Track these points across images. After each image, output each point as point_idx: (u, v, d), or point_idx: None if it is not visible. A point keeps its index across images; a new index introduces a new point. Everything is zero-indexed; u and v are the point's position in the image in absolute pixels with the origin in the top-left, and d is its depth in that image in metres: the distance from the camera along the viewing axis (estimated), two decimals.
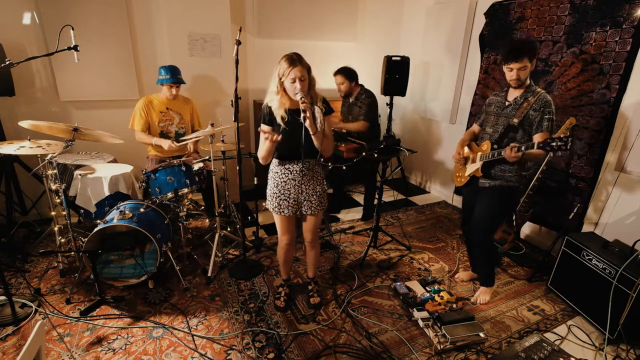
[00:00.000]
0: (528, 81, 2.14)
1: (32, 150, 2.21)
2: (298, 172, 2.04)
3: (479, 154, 2.30)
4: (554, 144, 1.86)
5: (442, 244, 3.23)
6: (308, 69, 1.87)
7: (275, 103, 1.90)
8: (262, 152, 2.00)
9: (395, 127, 4.80)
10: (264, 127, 1.97)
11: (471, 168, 2.36)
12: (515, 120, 2.12)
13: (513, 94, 2.21)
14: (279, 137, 1.87)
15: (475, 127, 2.49)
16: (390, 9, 4.48)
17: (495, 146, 2.21)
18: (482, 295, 2.49)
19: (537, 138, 2.07)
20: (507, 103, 2.22)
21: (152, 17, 3.32)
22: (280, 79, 1.86)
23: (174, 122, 3.08)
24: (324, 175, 2.16)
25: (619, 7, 2.47)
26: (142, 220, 2.36)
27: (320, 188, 2.12)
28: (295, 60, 1.83)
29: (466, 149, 2.43)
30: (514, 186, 2.24)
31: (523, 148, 1.99)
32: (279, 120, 1.91)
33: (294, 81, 1.82)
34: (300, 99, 1.79)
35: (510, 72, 2.10)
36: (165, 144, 2.93)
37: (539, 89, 2.12)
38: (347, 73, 3.30)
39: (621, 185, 2.58)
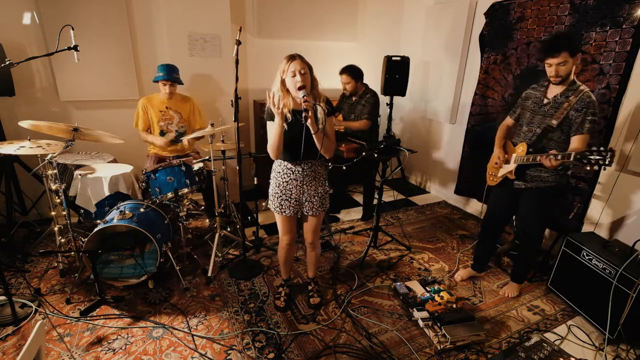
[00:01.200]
0: (572, 77, 2.01)
1: (32, 150, 2.21)
2: (300, 172, 2.04)
3: (514, 155, 2.21)
4: (591, 157, 1.74)
5: (442, 244, 3.23)
6: (309, 66, 1.87)
7: (302, 95, 1.88)
8: (271, 140, 1.94)
9: (395, 127, 4.80)
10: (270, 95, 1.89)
11: (505, 169, 2.29)
12: (554, 122, 2.01)
13: (553, 91, 2.08)
14: (283, 103, 1.84)
15: (509, 121, 2.38)
16: (390, 9, 4.48)
17: (531, 150, 2.11)
18: (510, 289, 2.54)
19: (575, 141, 1.97)
20: (545, 100, 2.11)
21: (152, 17, 3.32)
22: (282, 77, 1.86)
23: (173, 122, 3.08)
24: (326, 176, 2.16)
25: (619, 7, 2.47)
26: (142, 220, 2.36)
27: (322, 189, 2.12)
28: (294, 56, 1.84)
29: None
30: (553, 186, 2.16)
31: (560, 157, 1.89)
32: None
33: (294, 75, 1.82)
34: (303, 97, 1.79)
35: (550, 67, 1.98)
36: (159, 140, 2.99)
37: (582, 87, 1.99)
38: (353, 72, 3.27)
39: (621, 185, 2.58)
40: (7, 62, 2.14)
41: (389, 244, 3.19)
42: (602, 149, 1.74)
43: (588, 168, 1.79)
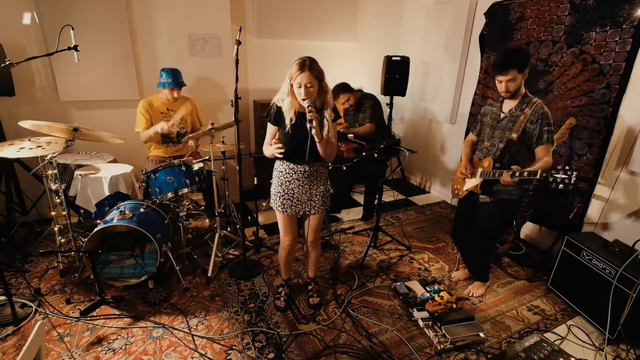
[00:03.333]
0: (523, 90, 2.09)
1: (32, 152, 2.20)
2: (302, 172, 2.05)
3: (480, 170, 2.24)
4: (557, 175, 1.80)
5: (442, 244, 3.23)
6: (318, 76, 1.86)
7: (286, 104, 1.91)
8: (268, 153, 2.07)
9: (396, 127, 4.80)
10: (274, 145, 2.01)
11: (470, 183, 2.31)
12: (514, 135, 2.07)
13: (508, 105, 2.15)
14: (282, 153, 1.97)
15: (472, 137, 2.43)
16: (390, 9, 4.48)
17: (498, 164, 2.15)
18: (475, 288, 2.55)
19: (539, 152, 2.03)
20: (502, 115, 2.17)
21: (152, 17, 3.31)
22: (290, 82, 1.87)
23: (175, 124, 3.08)
24: (328, 175, 2.17)
25: (619, 7, 2.47)
26: (142, 220, 2.36)
27: (324, 188, 2.13)
28: (304, 65, 1.82)
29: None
30: (516, 199, 2.21)
31: (518, 174, 1.96)
32: (287, 121, 1.92)
33: (299, 86, 1.83)
34: (308, 107, 1.80)
35: (500, 84, 2.06)
36: (158, 126, 2.90)
37: (534, 99, 2.07)
38: (345, 88, 3.32)
39: (621, 185, 2.58)
40: (7, 62, 2.14)
41: (389, 244, 3.19)
42: (567, 167, 1.79)
43: (553, 186, 1.83)
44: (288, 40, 3.95)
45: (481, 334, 2.09)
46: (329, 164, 2.21)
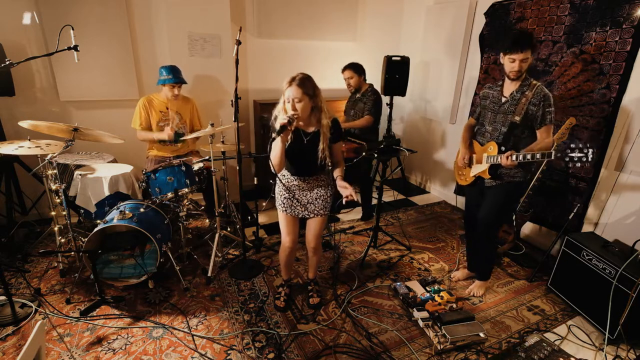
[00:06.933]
0: (524, 74, 2.11)
1: (31, 151, 2.20)
2: (303, 180, 2.08)
3: (485, 155, 2.25)
4: (573, 155, 1.81)
5: (442, 244, 3.23)
6: (309, 92, 1.84)
7: (279, 120, 1.89)
8: (275, 154, 1.92)
9: (395, 127, 4.80)
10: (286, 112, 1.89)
11: (477, 169, 2.32)
12: (517, 118, 2.10)
13: (509, 88, 2.17)
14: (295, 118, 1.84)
15: (472, 120, 2.46)
16: (390, 9, 4.48)
17: (503, 148, 2.17)
18: (476, 288, 2.55)
19: (541, 133, 2.07)
20: (503, 99, 2.19)
21: (152, 17, 3.31)
22: (283, 96, 1.88)
23: (173, 123, 3.08)
24: (329, 180, 2.16)
25: (619, 7, 2.47)
26: (142, 220, 2.36)
27: (325, 191, 2.13)
28: (293, 80, 1.82)
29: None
30: (519, 181, 2.24)
31: (521, 157, 1.98)
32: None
33: (288, 101, 1.84)
34: (287, 117, 1.79)
35: (512, 62, 2.06)
36: (165, 134, 2.95)
37: (534, 82, 2.09)
38: (355, 67, 3.32)
39: (621, 185, 2.58)
40: (7, 62, 2.13)
41: (389, 244, 3.19)
42: (580, 146, 1.81)
43: (570, 165, 1.83)
44: (288, 40, 3.95)
45: (481, 334, 2.09)
46: (329, 164, 2.21)
